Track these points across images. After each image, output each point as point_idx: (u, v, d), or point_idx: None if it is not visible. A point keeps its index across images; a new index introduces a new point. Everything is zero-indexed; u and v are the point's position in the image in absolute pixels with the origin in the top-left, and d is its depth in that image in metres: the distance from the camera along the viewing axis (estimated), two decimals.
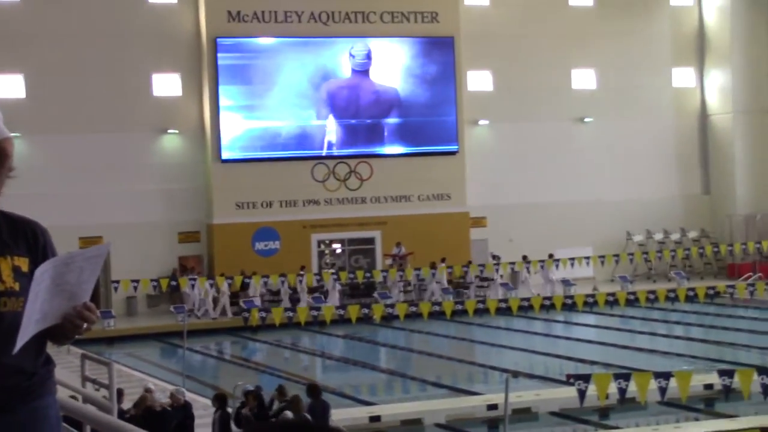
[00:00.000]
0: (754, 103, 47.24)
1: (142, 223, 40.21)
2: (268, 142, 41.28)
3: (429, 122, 42.99)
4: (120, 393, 19.42)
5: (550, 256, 40.97)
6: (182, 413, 19.08)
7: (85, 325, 4.09)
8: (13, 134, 4.23)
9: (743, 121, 47.23)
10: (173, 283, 38.01)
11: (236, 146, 40.86)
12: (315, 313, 32.48)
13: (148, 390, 19.81)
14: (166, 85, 41.24)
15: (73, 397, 9.61)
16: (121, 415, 17.89)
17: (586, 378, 17.75)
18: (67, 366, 24.47)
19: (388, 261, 41.48)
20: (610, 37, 46.39)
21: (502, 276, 40.82)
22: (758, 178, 47.24)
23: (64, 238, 35.13)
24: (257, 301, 36.44)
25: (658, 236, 46.31)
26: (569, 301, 33.29)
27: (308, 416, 18.21)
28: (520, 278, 41.16)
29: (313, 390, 19.64)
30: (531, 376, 26.39)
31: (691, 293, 33.83)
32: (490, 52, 44.75)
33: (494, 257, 41.90)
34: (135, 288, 37.44)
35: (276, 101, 41.32)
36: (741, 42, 47.14)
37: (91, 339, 30.55)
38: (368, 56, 42.23)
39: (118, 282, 36.95)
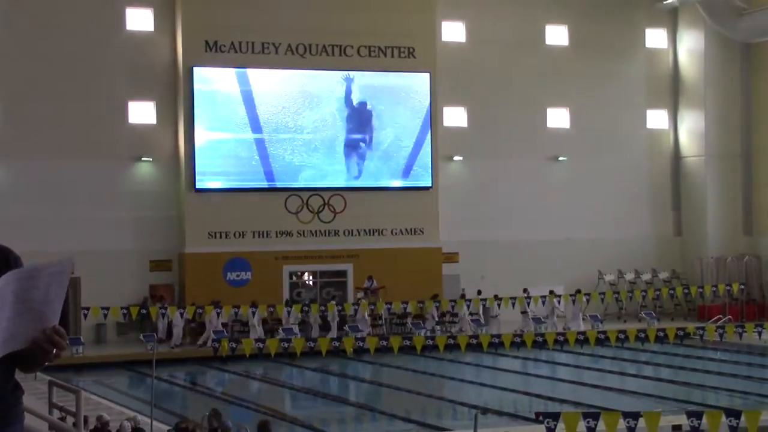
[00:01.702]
0: (726, 147, 47.57)
1: (114, 251, 40.04)
2: (242, 173, 41.24)
3: (403, 157, 43.06)
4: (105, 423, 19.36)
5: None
6: None
7: (54, 351, 4.02)
8: None
9: (715, 164, 47.54)
10: (143, 311, 37.84)
11: (210, 176, 40.79)
12: (285, 345, 32.37)
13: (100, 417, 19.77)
14: (142, 113, 41.20)
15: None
16: None
17: (555, 416, 17.74)
18: (34, 393, 24.27)
19: (360, 294, 41.42)
20: (586, 77, 46.69)
21: (472, 313, 40.80)
22: (729, 221, 47.52)
23: None
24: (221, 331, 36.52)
25: (630, 276, 46.43)
26: (540, 339, 33.30)
27: None
28: (490, 314, 41.14)
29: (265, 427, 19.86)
30: (500, 413, 26.33)
31: (661, 334, 33.91)
32: (465, 89, 44.94)
33: (525, 291, 41.52)
34: (105, 315, 37.23)
35: (252, 132, 41.29)
36: (714, 86, 47.52)
37: (59, 366, 30.25)
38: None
39: (87, 309, 36.75)
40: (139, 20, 41.21)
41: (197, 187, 40.57)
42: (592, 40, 47.00)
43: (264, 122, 41.42)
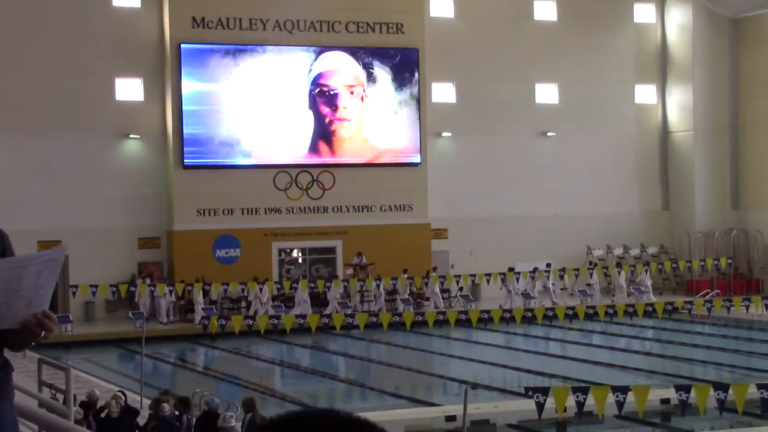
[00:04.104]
0: (714, 122, 47.63)
1: (102, 228, 40.00)
2: (231, 149, 41.16)
3: (392, 133, 43.00)
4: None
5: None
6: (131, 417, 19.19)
7: (42, 333, 4.06)
8: None
9: (703, 138, 47.59)
10: (132, 288, 37.83)
11: (198, 152, 40.71)
12: (275, 321, 32.39)
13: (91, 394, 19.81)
14: (129, 89, 41.07)
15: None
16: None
17: (544, 391, 17.81)
18: (23, 371, 24.27)
19: (349, 271, 41.44)
20: (574, 52, 46.65)
21: (461, 289, 40.88)
22: (717, 196, 47.62)
23: (22, 242, 34.80)
24: (213, 308, 36.55)
25: (618, 251, 46.53)
26: (529, 314, 33.39)
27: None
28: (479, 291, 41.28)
29: (249, 404, 19.32)
30: (490, 388, 26.41)
31: (650, 308, 34.00)
32: (454, 65, 44.88)
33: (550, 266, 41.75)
34: (93, 293, 37.28)
35: (240, 108, 41.21)
36: (702, 60, 47.52)
37: (48, 344, 30.27)
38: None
39: (76, 287, 36.76)
40: None
41: (185, 164, 40.50)
42: (580, 15, 46.95)
43: (252, 98, 41.32)
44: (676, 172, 48.43)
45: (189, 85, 40.45)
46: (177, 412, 19.06)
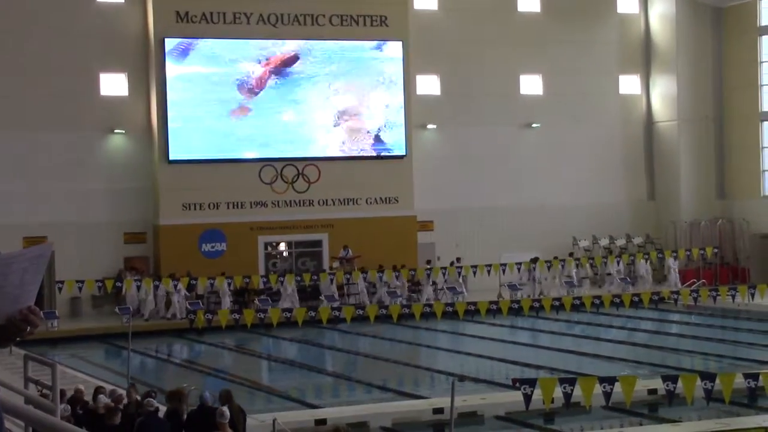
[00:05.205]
0: (699, 111, 47.70)
1: (88, 224, 39.90)
2: (216, 143, 41.08)
3: (377, 126, 42.98)
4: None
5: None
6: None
7: (28, 329, 4.03)
8: None
9: (688, 128, 47.67)
10: (118, 284, 37.74)
11: (183, 147, 40.62)
12: (262, 315, 32.37)
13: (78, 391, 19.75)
14: (113, 84, 40.96)
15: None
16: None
17: (531, 382, 17.83)
18: (9, 367, 24.23)
19: (335, 264, 41.43)
20: (558, 43, 46.67)
21: (447, 281, 40.89)
22: (702, 185, 47.71)
23: (7, 237, 34.81)
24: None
25: (604, 242, 46.59)
26: (515, 306, 33.41)
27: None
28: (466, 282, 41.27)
29: (227, 396, 18.96)
30: (477, 380, 26.43)
31: (636, 299, 34.06)
32: (438, 57, 44.87)
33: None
34: (80, 289, 37.18)
35: (225, 102, 41.14)
36: (686, 50, 47.59)
37: (34, 340, 30.03)
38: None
39: (62, 282, 36.68)
40: None
41: (170, 158, 40.41)
42: (564, 6, 46.97)
43: (237, 91, 41.26)
44: (661, 162, 48.52)
45: (173, 80, 40.38)
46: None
